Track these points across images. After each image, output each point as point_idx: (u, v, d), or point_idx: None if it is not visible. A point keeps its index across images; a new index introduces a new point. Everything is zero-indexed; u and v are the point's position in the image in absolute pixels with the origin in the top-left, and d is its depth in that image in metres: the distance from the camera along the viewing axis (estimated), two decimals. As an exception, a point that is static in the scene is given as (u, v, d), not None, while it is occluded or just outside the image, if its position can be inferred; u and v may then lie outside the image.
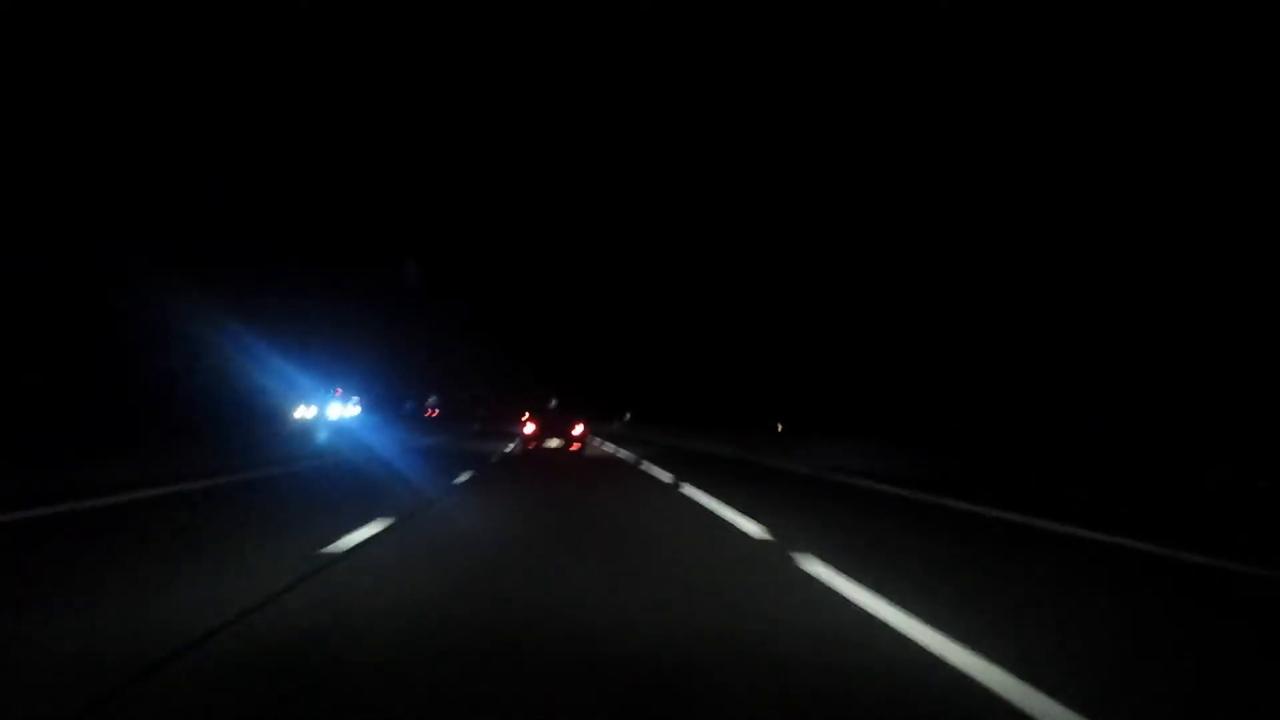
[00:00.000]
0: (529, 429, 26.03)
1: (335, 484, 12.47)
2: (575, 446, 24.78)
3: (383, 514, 8.12)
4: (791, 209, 40.26)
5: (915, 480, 14.35)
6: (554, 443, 24.91)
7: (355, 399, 48.55)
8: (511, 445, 26.18)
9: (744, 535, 7.70)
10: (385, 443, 26.14)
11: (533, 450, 24.11)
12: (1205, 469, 14.98)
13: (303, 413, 40.64)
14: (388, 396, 70.60)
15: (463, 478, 13.77)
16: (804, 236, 39.69)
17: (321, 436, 28.36)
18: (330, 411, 45.07)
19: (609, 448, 28.45)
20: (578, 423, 25.42)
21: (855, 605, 4.76)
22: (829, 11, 29.97)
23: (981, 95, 27.51)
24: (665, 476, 14.97)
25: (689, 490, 12.08)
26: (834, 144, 35.19)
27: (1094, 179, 24.43)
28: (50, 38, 23.44)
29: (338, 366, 46.16)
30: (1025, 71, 25.98)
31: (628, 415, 70.01)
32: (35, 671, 3.38)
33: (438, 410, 78.56)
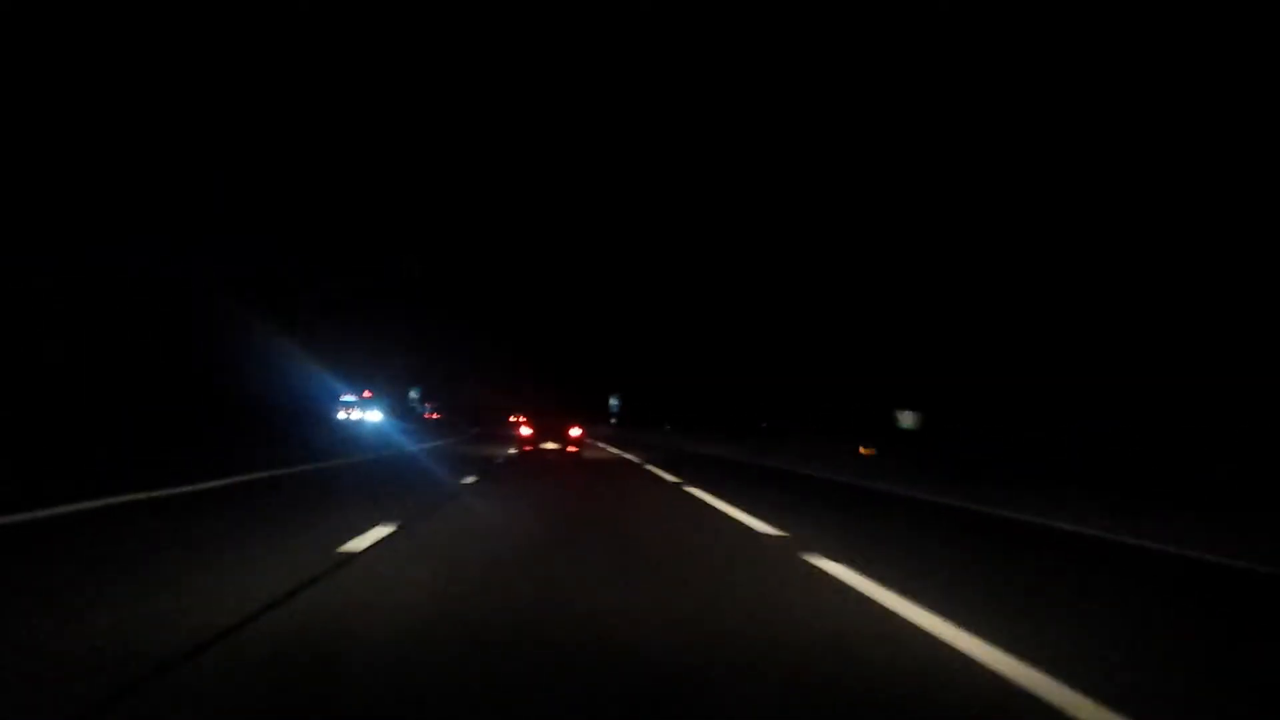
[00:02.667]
0: (525, 431, 26.00)
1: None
2: (572, 449, 24.84)
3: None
4: (796, 215, 40.19)
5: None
6: (551, 445, 24.98)
7: (367, 403, 49.73)
8: (511, 450, 25.99)
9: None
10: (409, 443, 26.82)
11: (531, 453, 23.97)
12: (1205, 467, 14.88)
13: (344, 414, 44.68)
14: (393, 400, 70.68)
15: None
16: (807, 243, 39.56)
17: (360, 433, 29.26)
18: (364, 415, 46.94)
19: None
20: (574, 425, 25.51)
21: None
22: (834, 20, 29.93)
23: (983, 111, 27.52)
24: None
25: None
26: (840, 158, 35.12)
27: (1095, 184, 24.36)
28: (50, 38, 23.44)
29: (346, 370, 46.65)
30: (1027, 94, 25.92)
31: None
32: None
33: (439, 414, 78.50)
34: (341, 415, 46.61)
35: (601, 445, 32.09)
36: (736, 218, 48.90)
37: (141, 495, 8.47)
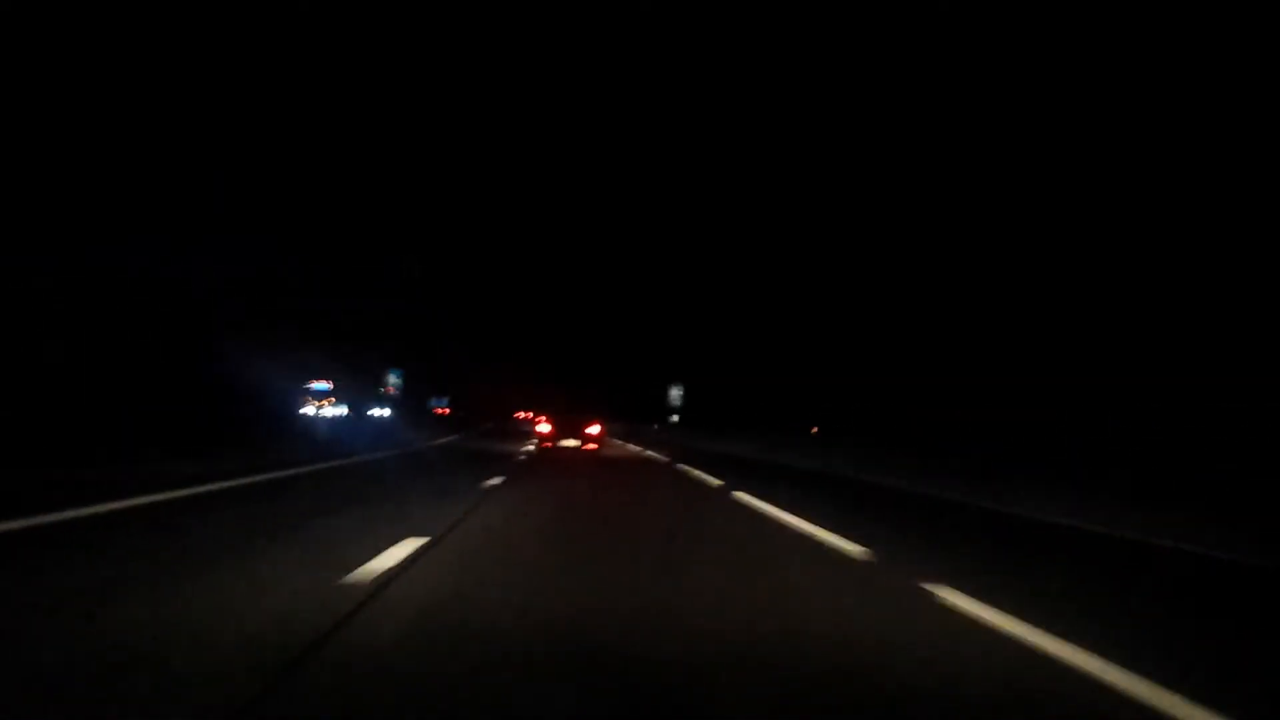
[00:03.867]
0: (544, 429, 25.23)
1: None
2: (591, 446, 24.17)
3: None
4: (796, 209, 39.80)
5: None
6: (570, 442, 24.22)
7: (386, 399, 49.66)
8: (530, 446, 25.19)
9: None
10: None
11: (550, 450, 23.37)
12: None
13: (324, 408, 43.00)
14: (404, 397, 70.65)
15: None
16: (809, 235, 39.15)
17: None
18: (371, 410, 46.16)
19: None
20: (594, 422, 24.56)
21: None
22: (834, 17, 29.76)
23: (982, 103, 27.37)
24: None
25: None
26: (839, 152, 34.85)
27: (1095, 182, 24.21)
28: (50, 38, 23.45)
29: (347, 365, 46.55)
30: (1027, 87, 25.79)
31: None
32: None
33: (449, 410, 78.40)
34: (310, 410, 41.57)
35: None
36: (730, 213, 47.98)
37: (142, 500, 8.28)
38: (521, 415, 79.30)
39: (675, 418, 48.04)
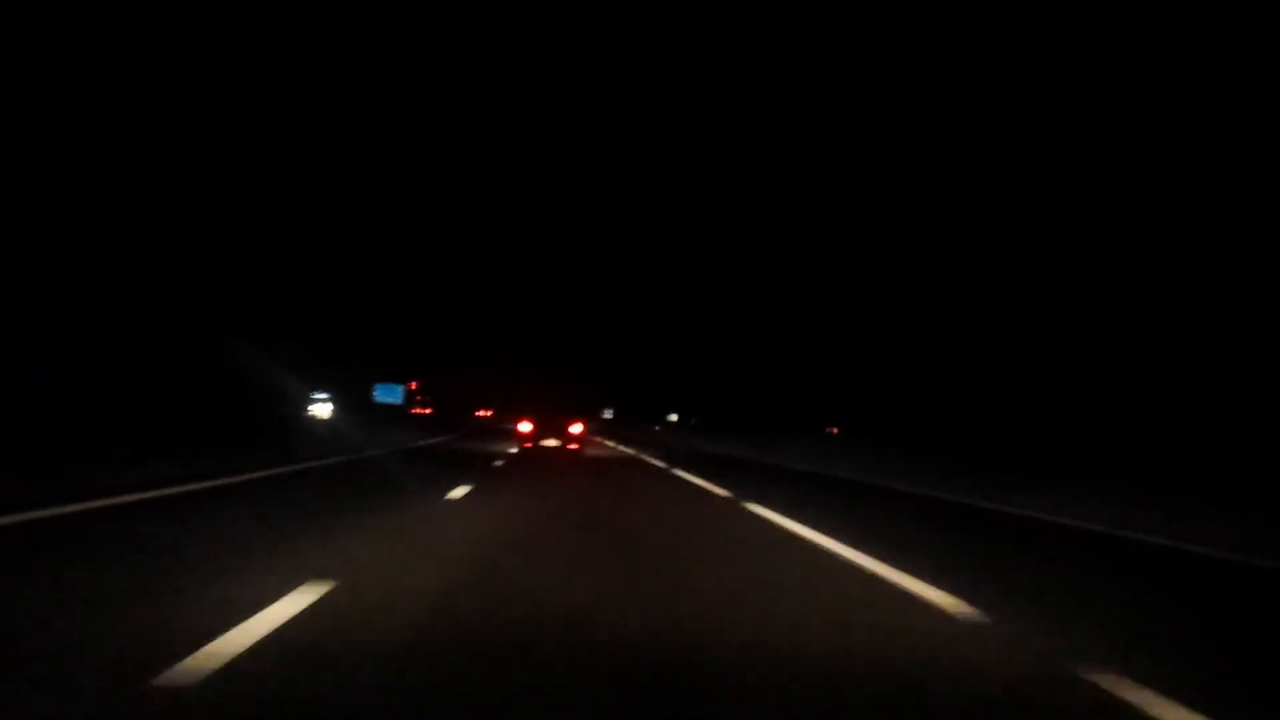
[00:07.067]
0: (525, 427, 25.71)
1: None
2: (574, 446, 24.61)
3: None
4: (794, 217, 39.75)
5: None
6: (551, 441, 24.81)
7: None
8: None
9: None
10: None
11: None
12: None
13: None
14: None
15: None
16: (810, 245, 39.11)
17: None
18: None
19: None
20: (575, 421, 25.26)
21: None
22: (833, 20, 29.73)
23: (982, 104, 27.48)
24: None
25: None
26: (836, 158, 34.86)
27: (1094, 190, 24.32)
28: (45, 40, 23.03)
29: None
30: (1027, 84, 25.81)
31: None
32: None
33: (430, 409, 77.18)
34: None
35: None
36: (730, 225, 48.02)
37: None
38: (482, 414, 76.50)
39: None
